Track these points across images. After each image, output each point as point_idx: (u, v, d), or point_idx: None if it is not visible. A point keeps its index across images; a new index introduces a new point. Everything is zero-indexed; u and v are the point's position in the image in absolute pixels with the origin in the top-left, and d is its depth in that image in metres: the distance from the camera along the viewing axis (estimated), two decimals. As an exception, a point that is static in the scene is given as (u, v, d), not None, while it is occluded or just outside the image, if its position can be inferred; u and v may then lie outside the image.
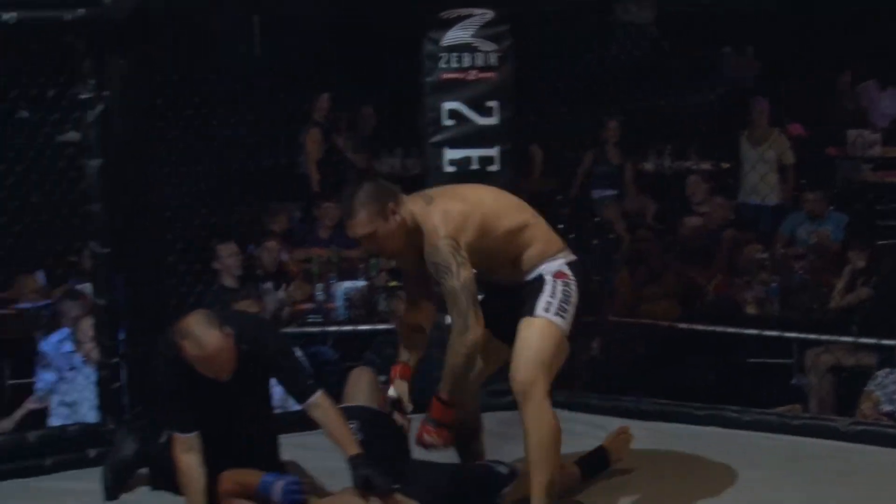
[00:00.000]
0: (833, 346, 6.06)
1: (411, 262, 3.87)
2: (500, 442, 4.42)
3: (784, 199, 8.12)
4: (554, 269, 3.80)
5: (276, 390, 4.30)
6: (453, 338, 3.68)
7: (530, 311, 3.76)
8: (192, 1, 5.07)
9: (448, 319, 3.81)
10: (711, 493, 4.27)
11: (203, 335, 3.81)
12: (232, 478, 3.94)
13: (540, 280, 3.80)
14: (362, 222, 3.68)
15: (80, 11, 4.58)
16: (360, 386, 4.15)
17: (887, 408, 5.48)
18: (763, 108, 8.46)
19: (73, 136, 5.27)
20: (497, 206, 3.81)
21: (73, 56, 4.71)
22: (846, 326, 6.13)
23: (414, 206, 3.75)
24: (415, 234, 3.73)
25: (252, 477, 3.94)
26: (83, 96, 4.68)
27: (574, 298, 3.78)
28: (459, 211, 3.71)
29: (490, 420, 4.45)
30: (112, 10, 4.58)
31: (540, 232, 3.86)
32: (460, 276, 3.62)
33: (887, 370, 5.58)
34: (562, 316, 3.75)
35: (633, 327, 6.44)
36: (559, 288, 3.77)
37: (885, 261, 6.64)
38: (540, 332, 3.73)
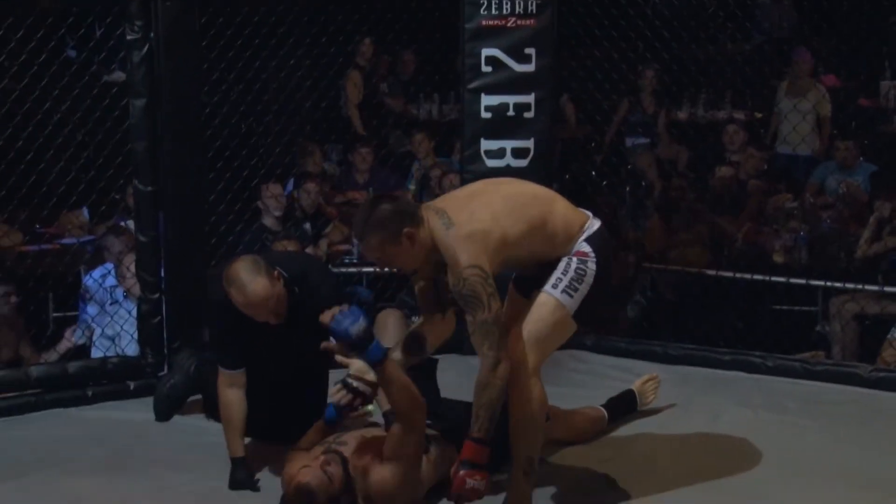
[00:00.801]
0: (858, 295, 6.03)
1: (427, 276, 3.71)
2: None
3: (818, 151, 8.04)
4: (574, 249, 3.66)
5: None
6: (486, 374, 3.45)
7: (540, 286, 3.64)
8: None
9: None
10: (735, 436, 4.29)
11: (249, 283, 3.78)
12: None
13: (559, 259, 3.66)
14: (372, 247, 3.50)
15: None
16: (387, 327, 4.10)
17: (909, 356, 5.46)
18: (804, 59, 8.35)
19: (118, 76, 5.30)
20: (512, 217, 3.56)
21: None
22: (871, 275, 6.10)
23: (434, 224, 3.51)
24: (434, 252, 3.53)
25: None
26: (130, 37, 4.70)
27: (589, 276, 3.61)
28: (481, 231, 3.49)
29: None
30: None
31: (559, 220, 3.65)
32: (491, 308, 3.43)
33: (910, 319, 5.56)
34: (569, 294, 3.60)
35: (663, 273, 6.43)
36: (573, 265, 3.62)
37: (912, 211, 6.58)
38: (542, 308, 3.61)
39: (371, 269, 6.45)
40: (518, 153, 5.19)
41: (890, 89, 8.55)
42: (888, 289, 5.80)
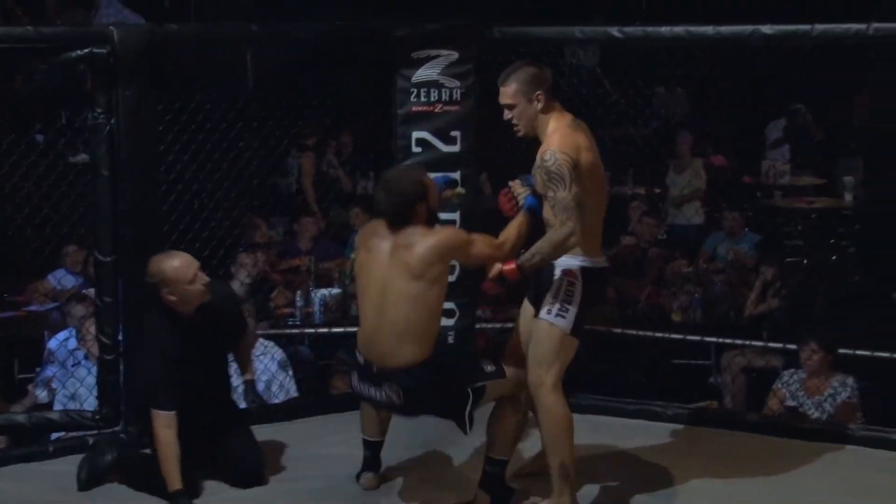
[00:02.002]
0: (746, 350, 6.10)
1: (528, 134, 3.82)
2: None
3: (702, 220, 8.21)
4: (567, 264, 3.75)
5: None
6: (561, 236, 3.60)
7: (537, 313, 3.79)
8: (191, 40, 5.05)
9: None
10: (638, 477, 4.31)
11: (175, 254, 4.08)
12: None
13: (552, 275, 3.76)
14: (508, 93, 3.74)
15: (92, 48, 4.56)
16: None
17: (791, 403, 5.52)
18: (685, 141, 8.58)
19: (82, 157, 5.23)
20: (595, 177, 3.74)
21: (84, 85, 4.68)
22: (757, 332, 6.17)
23: (556, 112, 3.76)
24: (540, 128, 3.75)
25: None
26: (93, 122, 4.64)
27: (577, 297, 3.73)
28: (584, 146, 3.69)
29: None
30: (121, 46, 4.56)
31: (592, 227, 3.76)
32: (572, 189, 3.58)
33: (791, 370, 5.62)
34: (562, 316, 3.73)
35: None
36: (563, 287, 3.74)
37: (791, 276, 6.70)
38: (542, 334, 3.76)
39: (313, 330, 6.41)
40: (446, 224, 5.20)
41: (769, 168, 8.74)
42: (772, 344, 5.87)
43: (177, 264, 4.03)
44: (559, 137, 3.68)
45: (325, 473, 4.33)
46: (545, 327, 3.75)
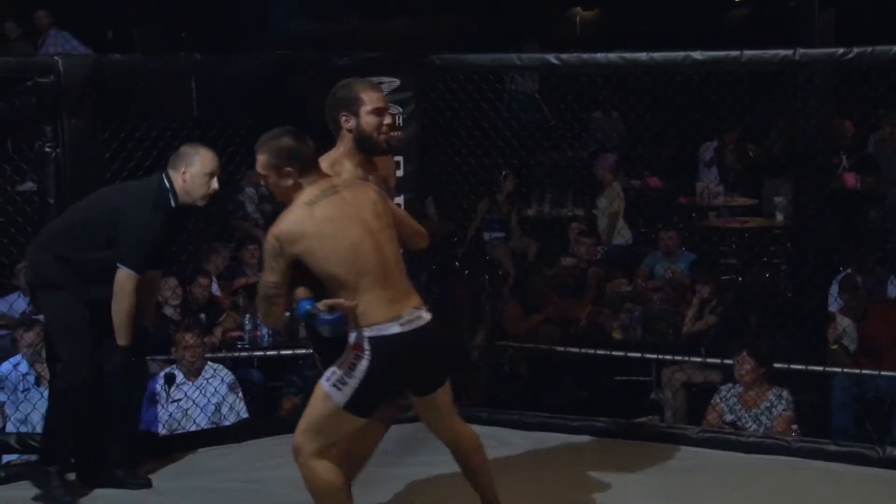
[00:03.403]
0: (685, 365, 6.15)
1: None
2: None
3: (626, 239, 8.35)
4: (354, 338, 3.39)
5: None
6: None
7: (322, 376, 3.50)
8: (136, 72, 5.02)
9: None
10: (581, 489, 4.32)
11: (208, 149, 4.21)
12: None
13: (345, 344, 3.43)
14: (259, 162, 3.49)
15: (37, 77, 4.51)
16: None
17: (729, 417, 5.57)
18: (604, 163, 8.73)
19: (29, 185, 5.17)
20: (341, 249, 3.37)
21: (30, 115, 4.63)
22: (696, 348, 6.22)
23: (309, 187, 3.45)
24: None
25: None
26: (40, 150, 4.59)
27: (360, 372, 3.36)
28: (298, 222, 3.39)
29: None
30: (66, 76, 4.52)
31: (364, 295, 3.37)
32: (262, 278, 3.43)
33: (729, 385, 5.68)
34: (338, 388, 3.39)
35: (519, 349, 6.47)
36: (349, 360, 3.39)
37: (726, 293, 6.78)
38: (316, 400, 3.46)
39: (262, 353, 6.36)
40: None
41: (704, 189, 8.85)
42: (710, 360, 5.93)
43: (210, 154, 4.20)
44: (282, 219, 3.43)
45: (274, 494, 4.29)
46: (319, 393, 3.46)
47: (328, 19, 11.22)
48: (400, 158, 5.16)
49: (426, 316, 3.45)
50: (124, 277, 4.11)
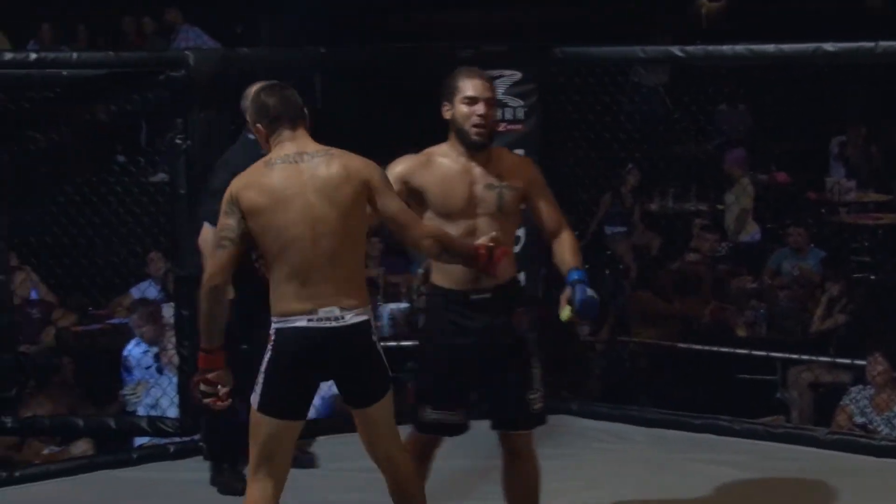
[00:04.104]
0: (813, 365, 6.01)
1: None
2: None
3: (752, 235, 8.16)
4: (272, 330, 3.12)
5: None
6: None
7: None
8: (261, 65, 5.13)
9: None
10: (705, 491, 4.26)
11: None
12: None
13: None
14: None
15: (169, 72, 4.66)
16: None
17: (859, 420, 5.43)
18: (734, 158, 8.53)
19: (161, 177, 5.34)
20: (273, 227, 3.05)
21: (162, 109, 4.78)
22: (824, 348, 6.08)
23: (277, 146, 3.14)
24: None
25: None
26: (171, 143, 4.74)
27: (264, 365, 3.10)
28: (251, 178, 3.10)
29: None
30: (196, 71, 4.65)
31: (278, 280, 3.07)
32: (219, 222, 3.10)
33: (860, 387, 5.53)
34: (255, 389, 3.13)
35: (639, 345, 6.42)
36: (266, 356, 3.12)
37: (857, 291, 6.60)
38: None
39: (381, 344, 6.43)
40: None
41: (834, 185, 8.63)
42: (839, 360, 5.78)
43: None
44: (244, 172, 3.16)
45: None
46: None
47: (447, 9, 11.28)
48: (521, 152, 5.17)
49: (354, 319, 3.08)
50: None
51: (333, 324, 3.06)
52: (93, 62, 4.83)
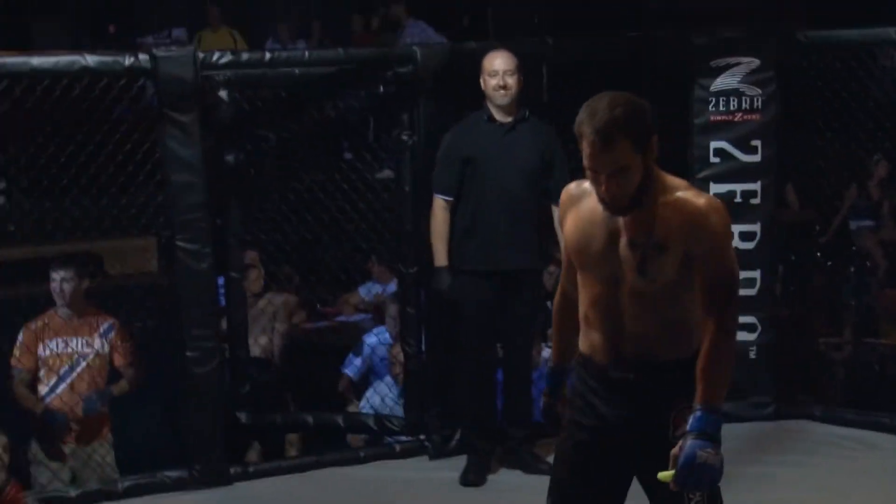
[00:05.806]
0: None
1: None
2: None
3: None
4: None
5: None
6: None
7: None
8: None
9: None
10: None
11: None
12: None
13: None
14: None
15: (396, 67, 4.72)
16: None
17: None
18: None
19: (387, 173, 5.43)
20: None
21: (388, 105, 4.85)
22: None
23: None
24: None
25: None
26: (397, 139, 4.80)
27: None
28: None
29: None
30: (423, 65, 4.70)
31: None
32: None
33: None
34: None
35: (888, 348, 6.08)
36: None
37: None
38: None
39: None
40: (745, 236, 5.05)
41: None
42: None
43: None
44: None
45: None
46: None
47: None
48: (758, 142, 5.00)
49: None
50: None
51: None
52: (324, 60, 4.94)
